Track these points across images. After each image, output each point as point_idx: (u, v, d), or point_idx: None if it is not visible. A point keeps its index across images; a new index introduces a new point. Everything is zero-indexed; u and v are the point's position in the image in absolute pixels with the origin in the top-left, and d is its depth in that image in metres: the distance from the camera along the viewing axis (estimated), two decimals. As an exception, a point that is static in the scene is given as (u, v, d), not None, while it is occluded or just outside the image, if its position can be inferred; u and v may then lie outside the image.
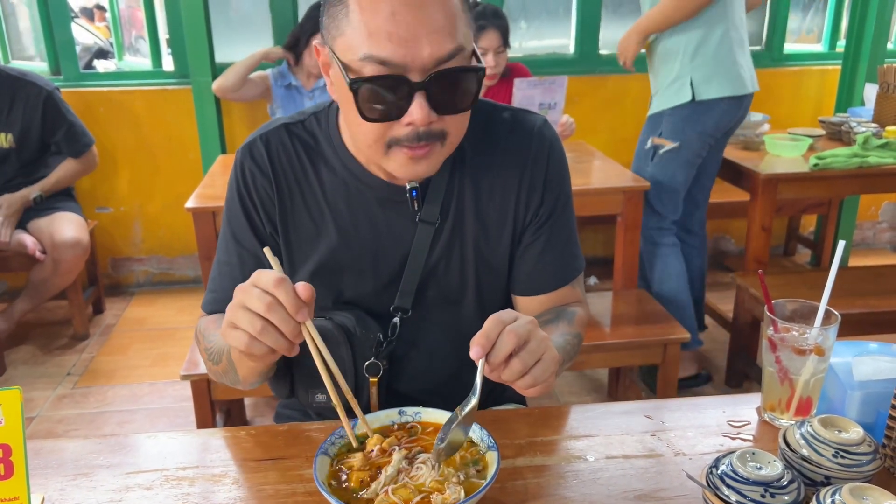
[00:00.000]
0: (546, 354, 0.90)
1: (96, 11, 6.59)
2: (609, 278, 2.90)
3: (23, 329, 3.35)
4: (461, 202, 1.13)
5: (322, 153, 1.13)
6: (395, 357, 1.17)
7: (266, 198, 1.13)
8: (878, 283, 2.71)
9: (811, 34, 4.42)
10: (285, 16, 3.67)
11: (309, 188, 1.13)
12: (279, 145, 1.13)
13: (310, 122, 1.15)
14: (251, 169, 1.13)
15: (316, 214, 1.13)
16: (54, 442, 1.03)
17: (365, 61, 0.92)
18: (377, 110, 0.95)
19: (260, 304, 0.84)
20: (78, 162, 3.21)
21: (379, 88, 0.93)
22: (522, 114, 1.18)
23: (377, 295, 1.15)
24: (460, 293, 1.17)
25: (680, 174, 2.75)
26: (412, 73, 0.92)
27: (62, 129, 3.12)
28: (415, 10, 0.90)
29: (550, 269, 1.18)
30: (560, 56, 4.00)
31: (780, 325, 1.00)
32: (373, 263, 1.14)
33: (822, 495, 0.77)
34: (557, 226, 1.18)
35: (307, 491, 0.91)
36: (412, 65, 0.92)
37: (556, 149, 1.17)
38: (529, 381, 0.88)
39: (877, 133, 2.86)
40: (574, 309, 1.19)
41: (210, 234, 2.39)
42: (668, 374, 2.39)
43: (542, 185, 1.15)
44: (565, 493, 0.90)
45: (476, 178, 1.13)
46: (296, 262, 1.15)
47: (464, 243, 1.14)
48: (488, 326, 0.87)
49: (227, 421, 2.53)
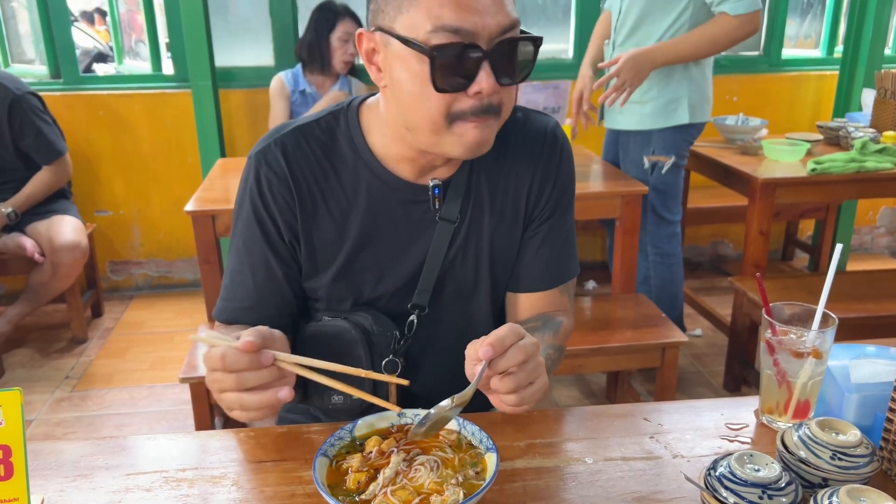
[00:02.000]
0: (539, 379, 0.92)
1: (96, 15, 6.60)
2: (607, 283, 2.91)
3: (21, 332, 3.35)
4: (479, 200, 1.15)
5: (341, 153, 1.12)
6: (411, 354, 1.18)
7: (285, 207, 1.10)
8: (876, 288, 2.71)
9: (809, 39, 4.44)
10: (285, 20, 3.68)
11: (330, 191, 1.11)
12: (296, 150, 1.10)
13: (326, 121, 1.13)
14: (268, 177, 1.09)
15: (338, 217, 1.12)
16: (54, 443, 1.03)
17: (435, 33, 0.93)
18: (449, 80, 0.95)
19: (228, 383, 0.86)
20: (48, 170, 3.11)
21: (453, 57, 0.94)
22: (535, 115, 1.20)
23: (395, 294, 1.15)
24: (473, 289, 1.18)
25: (678, 179, 2.85)
26: (481, 41, 0.94)
27: (30, 135, 3.02)
28: None
29: (544, 267, 1.19)
30: (559, 61, 4.01)
31: (778, 328, 1.01)
32: (392, 263, 1.14)
33: (820, 497, 0.78)
34: (557, 225, 1.19)
35: (306, 492, 0.91)
36: (482, 32, 0.94)
37: (567, 151, 1.20)
38: (516, 400, 0.90)
39: (874, 138, 2.87)
40: (560, 319, 1.19)
41: (209, 238, 2.39)
42: (666, 377, 2.39)
43: (551, 182, 1.17)
44: (564, 495, 0.91)
45: (492, 175, 1.15)
46: (318, 267, 1.14)
47: (480, 240, 1.15)
48: (504, 334, 0.88)
49: (226, 424, 2.53)
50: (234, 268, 1.15)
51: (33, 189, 3.09)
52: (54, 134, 3.13)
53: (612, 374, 2.73)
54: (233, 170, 2.90)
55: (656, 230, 2.87)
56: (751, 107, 3.89)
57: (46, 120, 3.11)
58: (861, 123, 3.17)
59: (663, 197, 2.81)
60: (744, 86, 4.00)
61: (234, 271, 1.15)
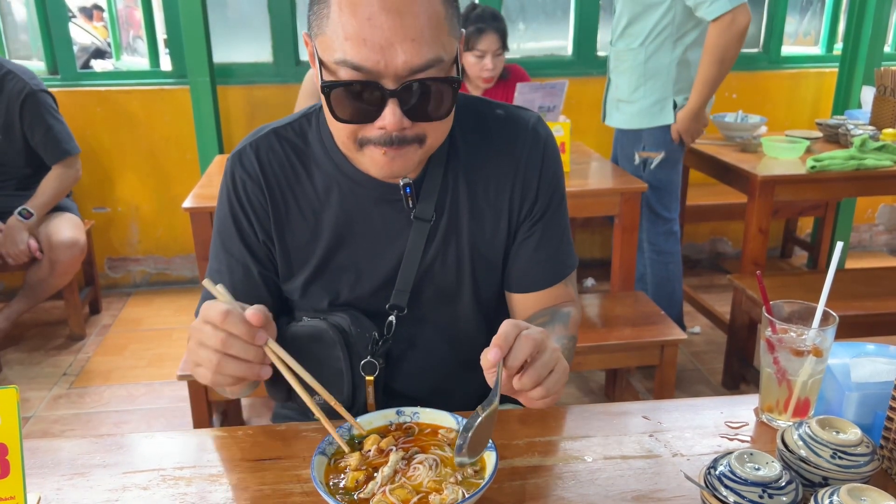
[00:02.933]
0: (558, 366, 0.90)
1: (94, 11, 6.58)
2: (606, 280, 2.91)
3: (19, 329, 3.34)
4: (455, 199, 1.13)
5: (313, 155, 1.12)
6: (391, 356, 1.17)
7: (259, 206, 1.12)
8: (875, 286, 2.71)
9: (808, 37, 4.44)
10: (283, 15, 3.67)
11: (302, 193, 1.12)
12: (269, 152, 1.12)
13: (299, 123, 1.14)
14: (242, 178, 1.11)
15: (310, 218, 1.12)
16: (51, 441, 1.02)
17: (340, 64, 0.92)
18: (350, 112, 0.95)
19: (215, 340, 0.86)
20: (57, 169, 3.08)
21: (351, 93, 0.93)
22: (516, 111, 1.17)
23: (374, 294, 1.14)
24: (456, 291, 1.17)
25: (675, 175, 2.86)
26: (386, 80, 0.92)
27: (40, 131, 3.01)
28: (393, 15, 0.89)
29: (544, 266, 1.18)
30: (558, 58, 4.00)
31: (779, 327, 1.00)
32: (369, 263, 1.13)
33: (821, 496, 0.77)
34: (552, 223, 1.17)
35: (304, 491, 0.90)
36: (385, 71, 0.91)
37: (550, 146, 1.17)
38: (542, 392, 0.88)
39: (874, 135, 2.87)
40: (568, 310, 1.18)
41: (207, 235, 2.38)
42: (665, 375, 2.39)
43: (536, 181, 1.14)
44: (563, 493, 0.90)
45: (470, 174, 1.13)
46: (293, 268, 1.14)
47: (459, 240, 1.14)
48: (506, 329, 0.87)
49: (224, 421, 2.53)
50: (213, 266, 1.16)
51: (46, 198, 3.05)
52: (65, 133, 3.11)
53: (611, 371, 2.73)
54: (231, 166, 2.88)
55: (652, 227, 2.88)
56: (750, 104, 3.89)
57: (59, 119, 3.10)
58: (860, 121, 3.17)
59: (659, 194, 2.81)
60: (743, 83, 3.99)
61: (213, 270, 1.16)
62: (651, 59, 2.70)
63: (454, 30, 0.96)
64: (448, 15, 0.94)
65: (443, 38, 0.93)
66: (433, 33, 0.92)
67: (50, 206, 3.09)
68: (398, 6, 0.89)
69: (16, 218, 2.96)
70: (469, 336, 1.19)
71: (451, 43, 0.95)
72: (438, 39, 0.92)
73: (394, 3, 0.89)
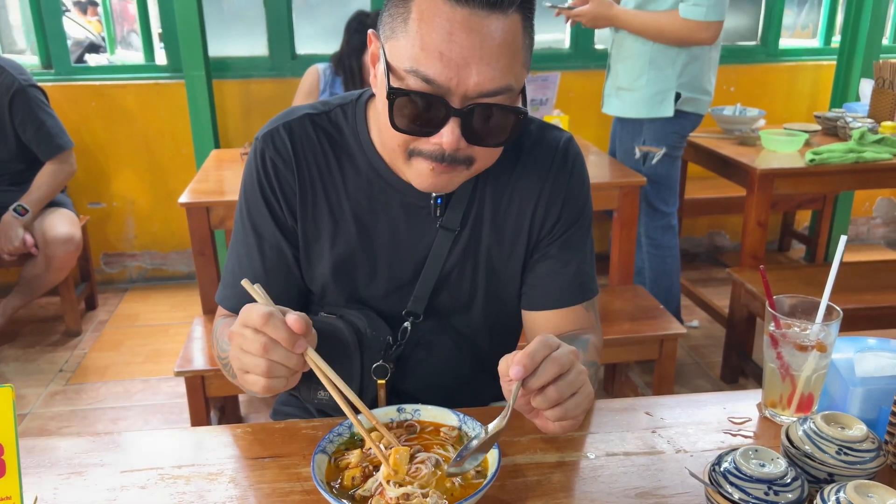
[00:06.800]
0: (583, 388, 0.87)
1: (88, 5, 6.54)
2: (605, 274, 2.90)
3: (15, 326, 3.32)
4: (481, 211, 1.12)
5: (347, 148, 1.11)
6: (402, 360, 1.16)
7: (288, 188, 1.09)
8: (873, 279, 2.71)
9: (806, 29, 4.43)
10: (279, 9, 3.65)
11: (332, 182, 1.10)
12: (303, 135, 1.10)
13: (335, 114, 1.12)
14: (273, 158, 1.09)
15: (336, 210, 1.10)
16: (47, 440, 1.01)
17: (410, 73, 0.90)
18: (409, 123, 0.93)
19: (256, 345, 0.83)
20: (52, 164, 3.05)
21: (416, 104, 0.91)
22: (549, 129, 1.17)
23: (388, 297, 1.13)
24: (470, 301, 1.16)
25: (673, 170, 2.84)
26: (453, 98, 0.90)
27: (32, 127, 2.98)
28: (473, 35, 0.87)
29: (560, 285, 1.15)
30: (555, 51, 3.99)
31: (782, 321, 1.00)
32: (388, 265, 1.12)
33: (827, 493, 0.77)
34: (572, 243, 1.15)
35: (304, 489, 0.89)
36: (455, 89, 0.90)
37: (579, 167, 1.16)
38: (560, 413, 0.85)
39: (872, 128, 2.86)
40: (588, 336, 1.14)
41: (204, 230, 2.37)
42: (664, 369, 2.38)
43: (561, 200, 1.13)
44: (566, 490, 0.89)
45: (497, 188, 1.12)
46: (312, 257, 1.13)
47: (478, 252, 1.13)
48: (535, 348, 0.84)
49: (222, 417, 2.52)
50: (240, 251, 1.13)
51: (41, 193, 3.03)
52: (57, 128, 3.08)
53: (610, 365, 2.73)
54: (227, 161, 2.87)
55: (650, 221, 2.86)
56: (748, 97, 3.88)
57: (50, 113, 3.06)
58: (859, 114, 3.16)
59: (657, 188, 2.80)
60: (741, 76, 3.98)
61: (241, 255, 1.13)
62: (658, 47, 2.64)
63: (527, 61, 0.95)
64: (525, 45, 0.94)
65: (517, 67, 0.93)
66: (509, 61, 0.91)
67: (45, 202, 3.07)
68: (480, 26, 0.88)
69: (11, 214, 2.94)
70: (480, 347, 1.19)
71: (522, 74, 0.95)
72: (512, 68, 0.92)
73: (477, 23, 0.88)
